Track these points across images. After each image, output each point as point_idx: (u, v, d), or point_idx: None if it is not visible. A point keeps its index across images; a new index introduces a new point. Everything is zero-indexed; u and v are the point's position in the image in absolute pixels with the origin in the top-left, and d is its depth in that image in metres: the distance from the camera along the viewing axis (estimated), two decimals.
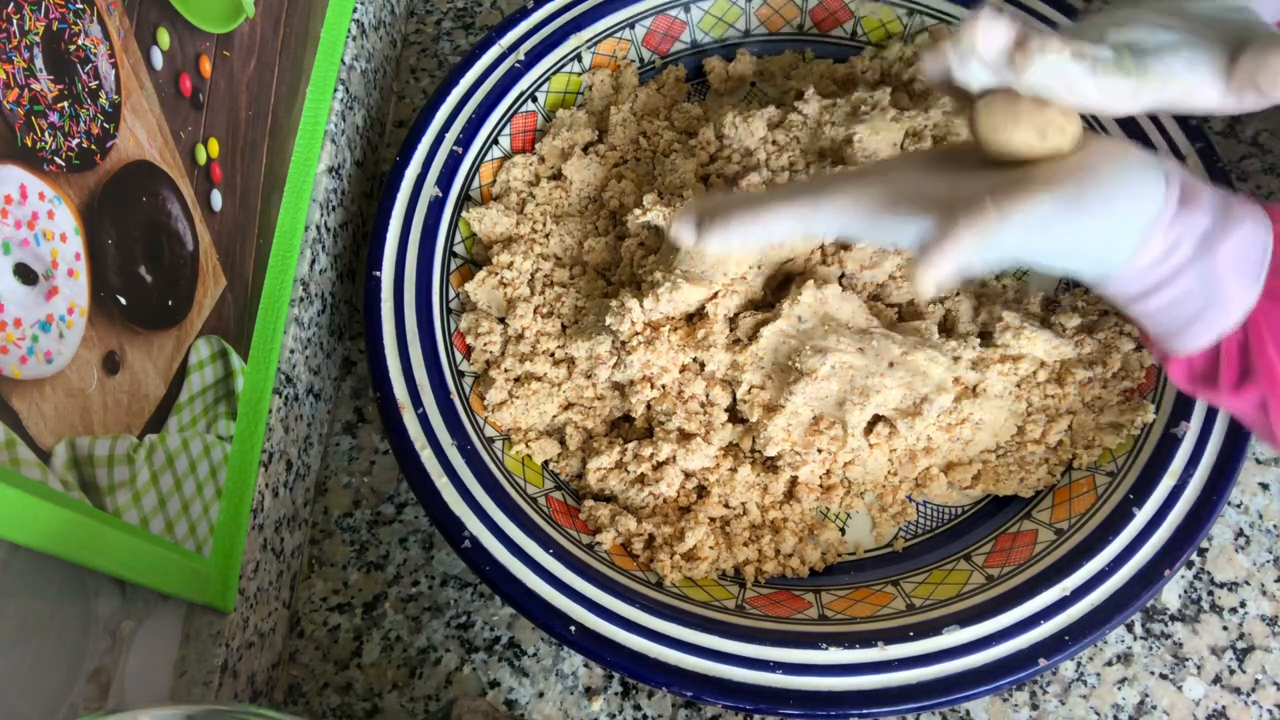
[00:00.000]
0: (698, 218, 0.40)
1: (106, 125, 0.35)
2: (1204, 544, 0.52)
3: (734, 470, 0.51)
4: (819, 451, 0.50)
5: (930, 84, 0.41)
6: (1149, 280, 0.36)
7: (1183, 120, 0.56)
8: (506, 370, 0.54)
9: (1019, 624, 0.45)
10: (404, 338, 0.53)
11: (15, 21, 0.30)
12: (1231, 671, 0.50)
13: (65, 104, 0.33)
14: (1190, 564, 0.52)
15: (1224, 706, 0.49)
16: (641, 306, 0.50)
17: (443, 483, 0.49)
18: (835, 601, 0.49)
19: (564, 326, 0.55)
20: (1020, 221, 0.34)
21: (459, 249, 0.58)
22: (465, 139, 0.59)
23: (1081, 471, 0.51)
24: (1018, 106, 0.36)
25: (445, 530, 0.48)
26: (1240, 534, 0.52)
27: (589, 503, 0.52)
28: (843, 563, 0.52)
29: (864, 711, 0.44)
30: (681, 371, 0.52)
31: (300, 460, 0.53)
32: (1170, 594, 0.51)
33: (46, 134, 0.32)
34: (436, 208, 0.57)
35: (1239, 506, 0.53)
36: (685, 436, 0.51)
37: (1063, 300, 0.56)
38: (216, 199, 0.44)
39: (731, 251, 0.40)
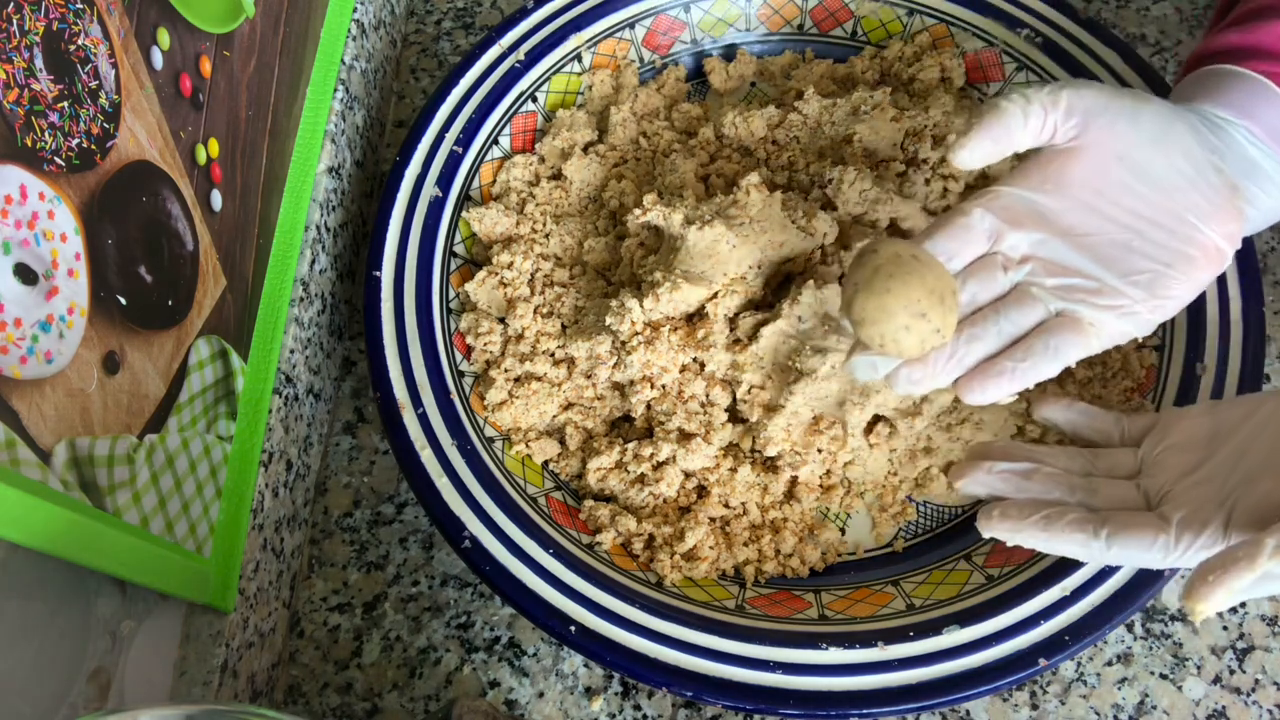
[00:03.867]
0: (992, 505, 0.45)
1: (106, 125, 0.35)
2: None
3: (734, 470, 0.51)
4: (819, 451, 0.50)
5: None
6: None
7: None
8: (506, 370, 0.54)
9: (1019, 624, 0.45)
10: (404, 338, 0.53)
11: (15, 21, 0.30)
12: (1231, 671, 0.50)
13: (65, 104, 0.33)
14: None
15: (1224, 706, 0.49)
16: (641, 306, 0.50)
17: (443, 483, 0.49)
18: (835, 601, 0.49)
19: (564, 326, 0.55)
20: None
21: (459, 249, 0.58)
22: (465, 139, 0.59)
23: None
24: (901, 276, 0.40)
25: (445, 530, 0.48)
26: None
27: (589, 503, 0.52)
28: (843, 563, 0.52)
29: (864, 711, 0.44)
30: (681, 371, 0.52)
31: (300, 460, 0.53)
32: (1170, 594, 0.51)
33: (46, 134, 0.32)
34: (436, 208, 0.57)
35: None
36: (685, 436, 0.51)
37: None
38: (216, 199, 0.44)
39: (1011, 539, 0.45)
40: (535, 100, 0.62)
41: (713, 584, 0.50)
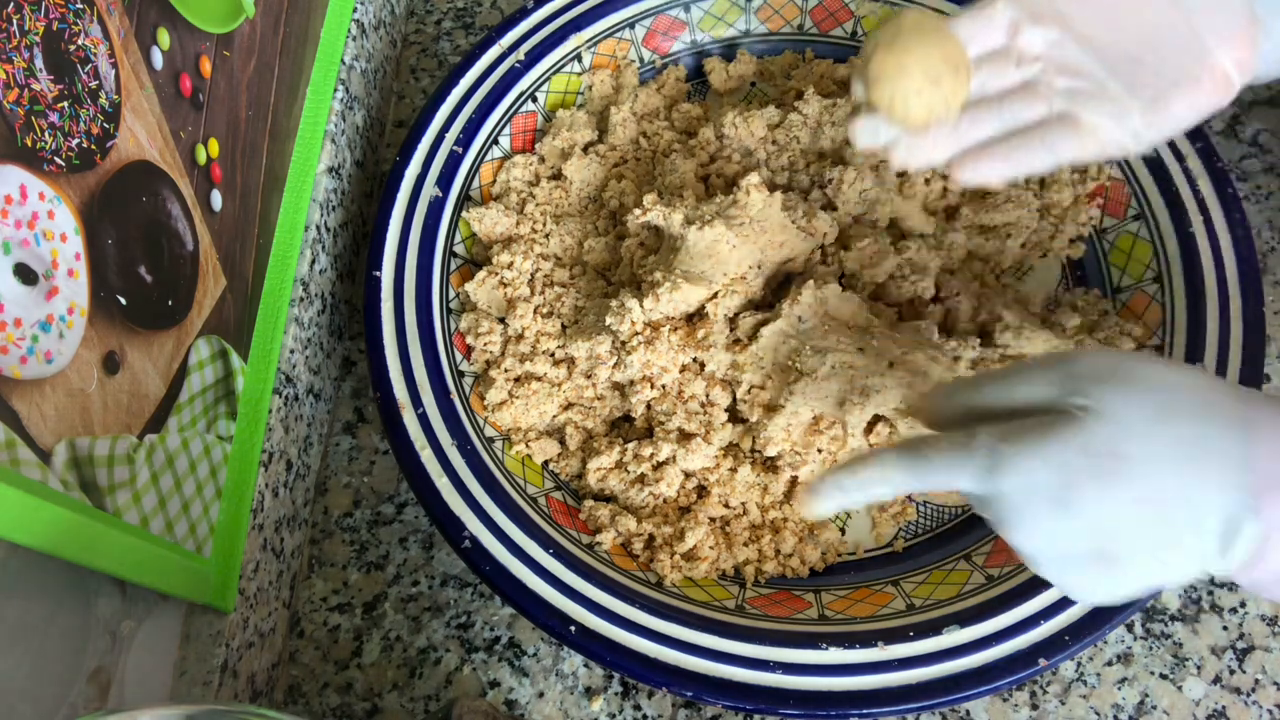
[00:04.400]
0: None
1: (106, 125, 0.35)
2: None
3: (734, 470, 0.51)
4: (819, 451, 0.50)
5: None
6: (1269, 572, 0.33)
7: None
8: (506, 370, 0.54)
9: (1019, 624, 0.45)
10: (404, 338, 0.53)
11: (15, 21, 0.30)
12: (1231, 671, 0.50)
13: (65, 104, 0.33)
14: None
15: (1224, 706, 0.49)
16: (641, 306, 0.50)
17: (443, 483, 0.49)
18: (835, 601, 0.49)
19: (564, 326, 0.55)
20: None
21: (459, 249, 0.58)
22: (465, 139, 0.59)
23: None
24: (906, 43, 0.40)
25: (445, 530, 0.48)
26: None
27: (589, 503, 0.52)
28: (843, 563, 0.52)
29: (864, 711, 0.44)
30: (681, 371, 0.52)
31: (300, 460, 0.53)
32: (1170, 594, 0.51)
33: (46, 134, 0.32)
34: (436, 208, 0.57)
35: None
36: (685, 436, 0.51)
37: (1063, 299, 0.56)
38: (216, 199, 0.44)
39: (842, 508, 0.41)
40: (535, 100, 0.62)
41: (713, 584, 0.50)
